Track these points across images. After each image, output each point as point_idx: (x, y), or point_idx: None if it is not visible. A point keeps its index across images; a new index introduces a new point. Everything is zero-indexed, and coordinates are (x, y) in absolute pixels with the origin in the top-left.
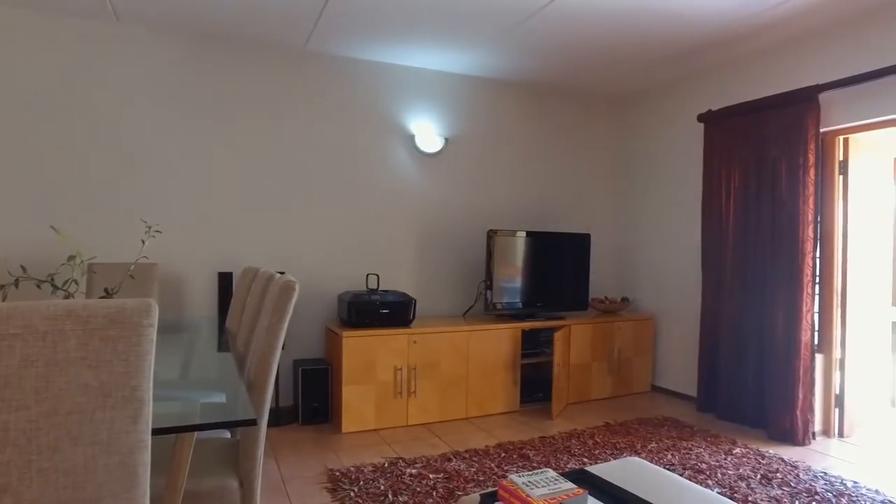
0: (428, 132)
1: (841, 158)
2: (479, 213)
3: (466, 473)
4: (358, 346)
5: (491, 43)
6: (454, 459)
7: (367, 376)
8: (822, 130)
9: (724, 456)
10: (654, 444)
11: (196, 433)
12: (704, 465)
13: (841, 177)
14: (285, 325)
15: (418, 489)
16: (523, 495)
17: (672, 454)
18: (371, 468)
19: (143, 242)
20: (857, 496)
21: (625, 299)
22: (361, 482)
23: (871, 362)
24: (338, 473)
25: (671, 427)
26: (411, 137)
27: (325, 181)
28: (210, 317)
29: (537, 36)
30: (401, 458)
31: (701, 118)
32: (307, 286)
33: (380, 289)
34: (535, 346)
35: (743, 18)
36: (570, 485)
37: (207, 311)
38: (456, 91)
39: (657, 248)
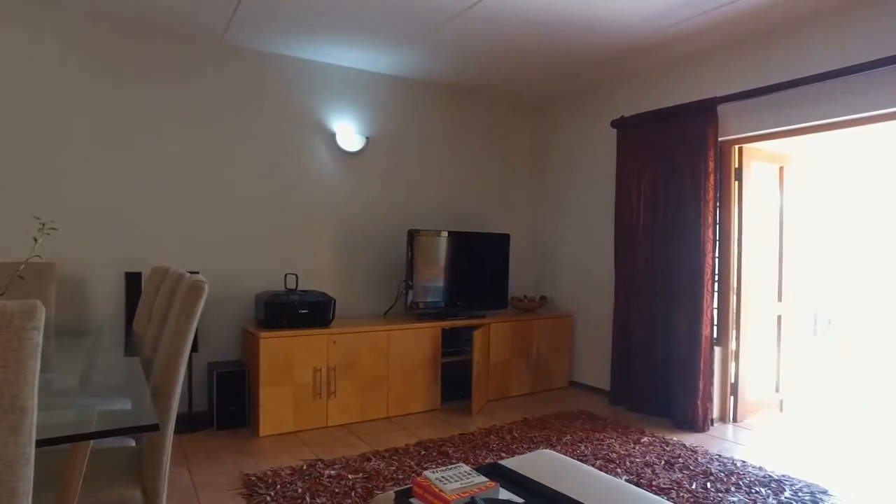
0: (349, 131)
1: (736, 166)
2: (401, 212)
3: (386, 472)
4: (276, 347)
5: (412, 44)
6: (374, 459)
7: (285, 378)
8: (720, 139)
9: (633, 445)
10: (568, 437)
11: (93, 442)
12: (615, 455)
13: (736, 183)
14: (194, 326)
15: (337, 490)
16: (436, 490)
17: (585, 445)
18: (289, 471)
19: (36, 240)
20: (744, 473)
21: (543, 298)
22: (278, 486)
23: (760, 353)
24: (254, 478)
25: (585, 420)
26: (332, 136)
27: (243, 177)
28: (116, 320)
29: (459, 38)
30: (320, 459)
31: (614, 124)
32: (223, 286)
33: (299, 289)
34: (456, 345)
35: (655, 31)
36: (482, 478)
37: (114, 313)
38: (378, 90)
39: (574, 248)
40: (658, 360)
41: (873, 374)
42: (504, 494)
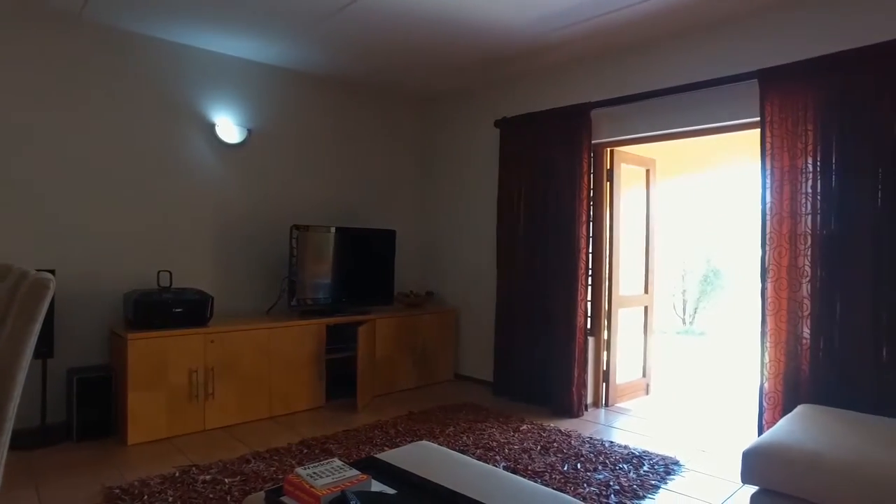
0: (230, 122)
1: (608, 167)
2: (285, 207)
3: (265, 473)
4: (147, 349)
5: (296, 35)
6: (253, 461)
7: (157, 381)
8: (593, 142)
9: (512, 433)
10: (451, 428)
11: None
12: (494, 443)
13: (608, 183)
14: (35, 329)
15: (211, 496)
16: (307, 486)
17: (467, 436)
18: (159, 480)
19: None
20: (610, 453)
21: (429, 293)
22: (146, 496)
23: (629, 341)
24: (117, 491)
25: (469, 411)
26: (212, 127)
27: (109, 168)
28: None
29: (345, 32)
30: (195, 465)
31: (497, 124)
32: (86, 285)
33: (173, 286)
34: (341, 342)
35: (537, 36)
36: (354, 472)
37: None
38: (261, 81)
39: (459, 244)
40: (537, 352)
41: (729, 357)
42: (377, 486)
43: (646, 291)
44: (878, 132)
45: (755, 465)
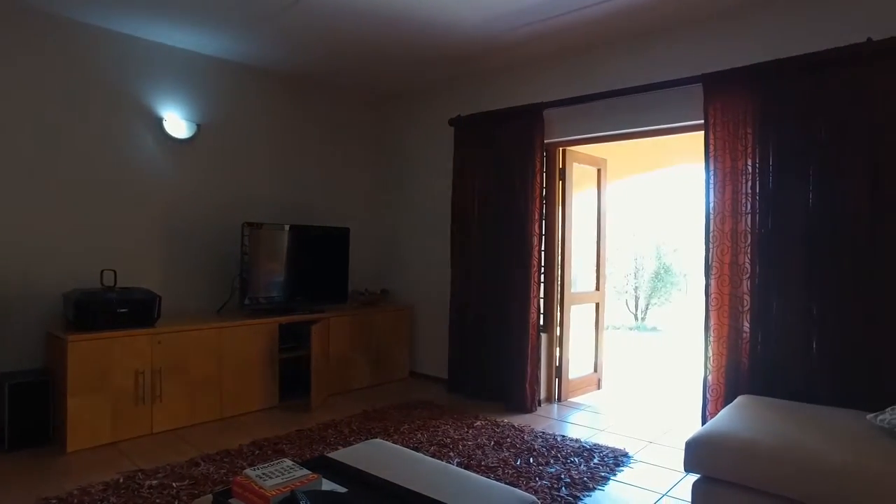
0: (178, 117)
1: (560, 166)
2: (237, 204)
3: (216, 476)
4: (88, 351)
5: (247, 28)
6: (203, 463)
7: (100, 384)
8: (546, 142)
9: (466, 430)
10: (406, 426)
11: None
12: (448, 440)
13: (560, 182)
14: None
15: (158, 501)
16: (256, 487)
17: (422, 433)
18: (101, 487)
19: None
20: (562, 447)
21: (384, 291)
22: None
23: (581, 337)
24: (54, 501)
25: (424, 409)
26: (159, 121)
27: (50, 162)
28: None
29: (296, 27)
30: (140, 470)
31: (451, 122)
32: (21, 285)
33: (118, 286)
34: (295, 340)
35: (492, 35)
36: (304, 471)
37: None
38: (212, 75)
39: (415, 242)
40: (491, 348)
41: (679, 352)
42: (328, 486)
43: (597, 288)
44: (809, 136)
45: (696, 454)
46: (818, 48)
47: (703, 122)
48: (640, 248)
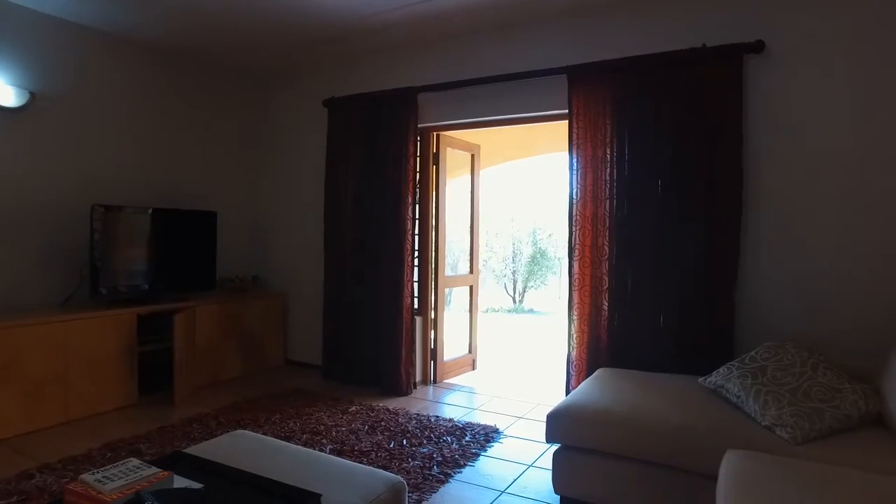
0: (1, 82)
1: (434, 151)
2: (89, 186)
3: (54, 487)
4: None
5: None
6: (39, 475)
7: None
8: (420, 126)
9: (340, 415)
10: (278, 416)
11: None
12: (322, 427)
13: (434, 166)
14: None
15: None
16: (94, 493)
17: (294, 422)
18: None
19: None
20: (436, 427)
21: (255, 277)
22: None
23: (456, 319)
24: None
25: (298, 397)
26: None
27: None
28: None
29: None
30: None
31: (326, 103)
32: None
33: None
34: (157, 332)
35: (363, 17)
36: (153, 470)
37: None
38: (47, 36)
39: (287, 227)
40: (366, 333)
41: (552, 332)
42: (182, 482)
43: (471, 272)
44: (658, 128)
45: (555, 425)
46: (666, 49)
47: (567, 111)
48: (518, 233)
